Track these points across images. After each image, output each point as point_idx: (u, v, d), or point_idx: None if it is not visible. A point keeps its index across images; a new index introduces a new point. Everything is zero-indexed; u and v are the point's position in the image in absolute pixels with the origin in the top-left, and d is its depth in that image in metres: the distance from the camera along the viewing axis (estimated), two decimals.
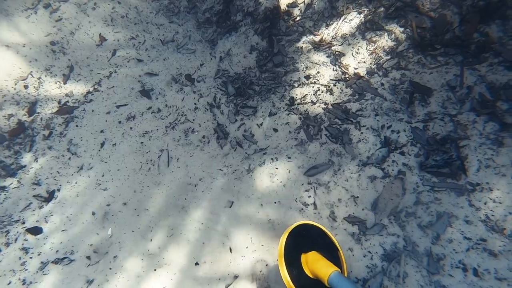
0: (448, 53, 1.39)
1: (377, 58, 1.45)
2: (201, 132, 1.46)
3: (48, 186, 1.47)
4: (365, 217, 1.22)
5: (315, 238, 1.15)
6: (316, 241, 1.14)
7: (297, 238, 1.13)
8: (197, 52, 1.64)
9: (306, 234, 1.15)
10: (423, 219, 1.18)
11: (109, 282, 1.26)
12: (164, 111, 1.53)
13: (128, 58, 1.69)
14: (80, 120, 1.59)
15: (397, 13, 1.50)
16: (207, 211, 1.32)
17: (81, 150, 1.52)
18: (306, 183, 1.30)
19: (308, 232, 1.16)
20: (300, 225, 1.16)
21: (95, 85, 1.66)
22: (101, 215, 1.38)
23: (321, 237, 1.15)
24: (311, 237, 1.15)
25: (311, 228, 1.17)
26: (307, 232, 1.15)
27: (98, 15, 1.82)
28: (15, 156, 1.55)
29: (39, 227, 1.40)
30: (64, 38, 1.79)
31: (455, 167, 1.22)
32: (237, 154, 1.40)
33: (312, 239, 1.14)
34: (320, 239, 1.15)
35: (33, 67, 1.73)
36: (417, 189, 1.23)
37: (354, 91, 1.41)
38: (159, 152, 1.45)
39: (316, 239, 1.15)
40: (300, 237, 1.14)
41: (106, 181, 1.44)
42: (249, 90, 1.49)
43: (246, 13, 1.65)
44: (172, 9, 1.77)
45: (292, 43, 1.56)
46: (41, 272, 1.31)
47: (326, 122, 1.38)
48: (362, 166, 1.29)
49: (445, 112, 1.31)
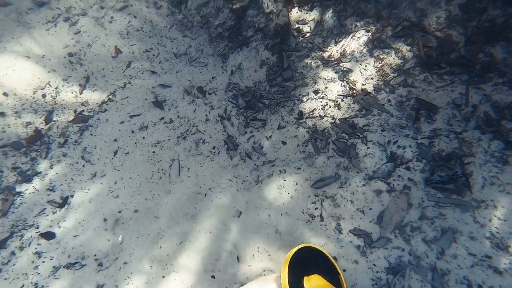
0: (453, 72, 1.47)
1: (384, 75, 1.54)
2: (212, 143, 1.55)
3: (62, 192, 1.56)
4: (370, 230, 1.28)
5: (317, 262, 1.18)
6: (318, 264, 1.18)
7: (300, 261, 1.17)
8: (209, 66, 1.75)
9: (308, 257, 1.19)
10: (428, 234, 1.24)
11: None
12: (176, 121, 1.63)
13: (142, 70, 1.81)
14: (95, 129, 1.69)
15: (404, 32, 1.59)
16: (216, 220, 1.39)
17: (94, 158, 1.62)
18: (313, 195, 1.37)
19: (310, 255, 1.19)
20: (303, 248, 1.20)
21: (110, 95, 1.77)
22: (112, 222, 1.46)
23: (322, 261, 1.19)
24: (313, 260, 1.18)
25: (313, 251, 1.21)
26: (309, 255, 1.19)
27: (114, 28, 1.95)
28: (31, 163, 1.65)
29: (52, 232, 1.48)
30: (82, 50, 1.92)
31: (460, 184, 1.28)
32: (246, 165, 1.48)
33: (314, 263, 1.18)
34: (321, 262, 1.19)
35: (51, 77, 1.85)
36: (422, 204, 1.28)
37: (361, 106, 1.49)
38: (170, 162, 1.54)
39: (318, 262, 1.18)
40: (302, 260, 1.17)
41: (118, 189, 1.52)
42: (259, 104, 1.58)
43: (257, 29, 1.77)
44: (186, 23, 1.89)
45: (301, 59, 1.66)
46: (53, 276, 1.38)
47: (333, 136, 1.46)
48: (368, 180, 1.36)
49: (450, 129, 1.38)
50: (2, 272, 1.38)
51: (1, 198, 1.55)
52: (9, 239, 1.45)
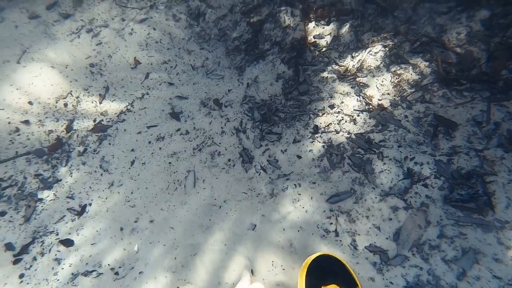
0: (474, 89, 1.47)
1: (401, 90, 1.54)
2: (227, 155, 1.59)
3: (80, 200, 1.62)
4: (387, 247, 1.28)
5: (335, 271, 1.18)
6: (336, 274, 1.17)
7: (318, 269, 1.17)
8: (225, 78, 1.80)
9: (326, 265, 1.18)
10: (447, 253, 1.22)
11: None
12: (192, 133, 1.67)
13: (160, 81, 1.87)
14: (113, 139, 1.75)
15: (422, 47, 1.60)
16: (231, 232, 1.41)
17: (112, 167, 1.67)
18: (328, 210, 1.38)
19: (328, 263, 1.19)
20: (322, 256, 1.20)
21: (128, 105, 1.83)
22: (128, 231, 1.50)
23: (341, 271, 1.18)
24: (332, 270, 1.18)
25: (331, 260, 1.20)
26: (327, 264, 1.19)
27: (134, 40, 2.03)
28: (52, 170, 1.72)
29: (71, 239, 1.53)
30: (102, 60, 2.00)
31: (481, 203, 1.27)
32: (261, 178, 1.50)
33: (332, 272, 1.17)
34: (340, 272, 1.18)
35: (73, 87, 1.93)
36: (441, 222, 1.27)
37: (377, 122, 1.50)
38: (186, 173, 1.58)
39: (336, 272, 1.18)
40: (321, 268, 1.17)
41: (134, 198, 1.57)
42: (275, 117, 1.61)
43: (274, 43, 1.81)
44: (203, 36, 1.95)
45: (317, 73, 1.68)
46: (71, 283, 1.43)
47: (349, 151, 1.47)
48: (384, 196, 1.36)
49: (470, 146, 1.37)
50: (24, 276, 1.44)
51: (25, 204, 1.62)
52: (31, 244, 1.51)
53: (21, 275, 1.46)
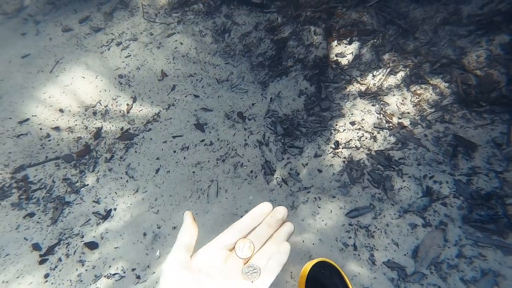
0: (494, 111, 1.55)
1: (421, 110, 1.63)
2: (250, 167, 1.69)
3: (106, 205, 1.74)
4: (404, 263, 1.34)
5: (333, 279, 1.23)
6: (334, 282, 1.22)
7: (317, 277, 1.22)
8: (249, 92, 1.93)
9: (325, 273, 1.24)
10: (466, 274, 1.28)
11: None
12: (216, 144, 1.80)
13: (185, 93, 2.01)
14: (139, 147, 1.89)
15: (442, 69, 1.69)
16: None
17: (137, 174, 1.80)
18: (347, 224, 1.46)
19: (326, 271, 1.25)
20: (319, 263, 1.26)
21: (155, 115, 1.98)
22: (151, 237, 1.61)
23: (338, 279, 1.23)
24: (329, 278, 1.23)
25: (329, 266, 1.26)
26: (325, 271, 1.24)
27: (161, 53, 2.20)
28: (80, 175, 1.86)
29: (95, 242, 1.65)
30: (131, 72, 2.17)
31: (501, 225, 1.33)
32: (282, 190, 1.60)
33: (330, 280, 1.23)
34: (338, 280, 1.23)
35: (102, 97, 2.10)
36: (459, 242, 1.33)
37: (397, 139, 1.59)
38: (209, 182, 1.69)
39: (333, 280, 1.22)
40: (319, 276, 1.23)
41: (158, 205, 1.68)
42: (297, 131, 1.72)
43: (297, 60, 1.94)
44: (228, 51, 2.11)
45: (339, 90, 1.80)
46: (94, 285, 1.53)
47: (369, 167, 1.56)
48: (403, 213, 1.43)
49: (490, 168, 1.44)
50: (49, 276, 1.55)
51: (52, 206, 1.76)
52: (57, 245, 1.64)
53: (46, 275, 1.58)
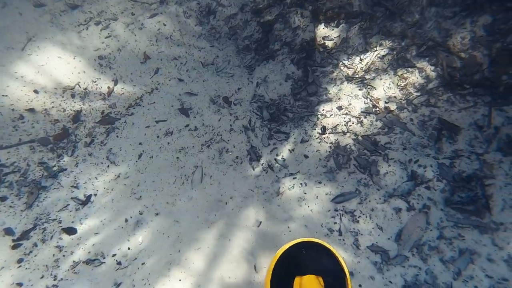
0: (477, 93, 1.57)
1: (407, 94, 1.64)
2: (235, 152, 1.67)
3: (85, 190, 1.68)
4: (388, 247, 1.36)
5: (317, 260, 1.09)
6: (318, 263, 1.08)
7: (294, 258, 1.09)
8: (235, 76, 1.88)
9: (306, 254, 1.09)
10: (445, 254, 1.31)
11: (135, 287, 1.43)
12: (201, 129, 1.76)
13: (169, 77, 1.95)
14: (121, 131, 1.82)
15: (429, 52, 1.70)
16: (236, 228, 1.49)
17: (119, 159, 1.74)
18: (332, 210, 1.46)
19: (309, 251, 1.10)
20: (301, 243, 1.11)
21: (137, 99, 1.91)
22: (133, 223, 1.57)
23: (326, 259, 1.09)
24: (312, 258, 1.09)
25: (315, 246, 1.10)
26: (308, 252, 1.10)
27: (144, 35, 2.11)
28: (57, 159, 1.78)
29: (74, 228, 1.59)
30: (111, 53, 2.08)
31: (480, 205, 1.36)
32: (268, 176, 1.59)
33: (313, 261, 1.09)
34: (324, 261, 1.09)
35: (81, 78, 2.01)
36: (441, 224, 1.36)
37: (383, 124, 1.59)
38: (193, 168, 1.66)
39: (318, 260, 1.09)
40: (298, 257, 1.09)
41: (141, 191, 1.64)
42: (283, 116, 1.70)
43: (283, 43, 1.90)
44: (214, 34, 2.04)
45: (326, 74, 1.78)
46: (72, 271, 1.49)
47: (355, 152, 1.56)
48: (388, 197, 1.45)
49: (472, 150, 1.47)
50: (23, 261, 1.50)
51: (27, 191, 1.69)
52: (32, 231, 1.57)
53: (19, 259, 1.52)
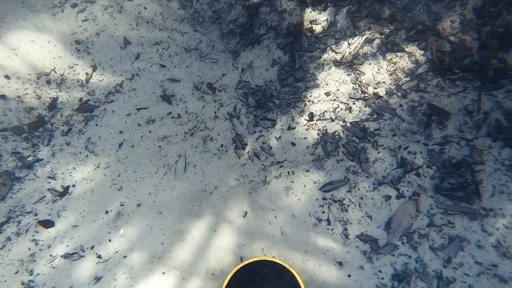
0: (466, 78, 1.51)
1: (396, 79, 1.56)
2: (220, 140, 1.57)
3: (63, 181, 1.57)
4: (377, 236, 1.31)
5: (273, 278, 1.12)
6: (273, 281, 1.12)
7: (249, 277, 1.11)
8: (219, 62, 1.77)
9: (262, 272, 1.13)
10: (435, 242, 1.26)
11: (116, 281, 1.34)
12: (184, 117, 1.65)
13: (151, 63, 1.82)
14: (100, 120, 1.70)
15: (418, 36, 1.62)
16: (221, 219, 1.41)
17: (98, 149, 1.63)
18: (321, 199, 1.39)
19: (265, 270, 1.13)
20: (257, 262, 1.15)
21: (117, 86, 1.78)
22: (114, 214, 1.47)
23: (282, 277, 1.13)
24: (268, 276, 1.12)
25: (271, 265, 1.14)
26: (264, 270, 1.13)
27: (124, 19, 1.97)
28: (32, 149, 1.65)
29: (51, 220, 1.48)
30: (89, 38, 1.93)
31: (469, 191, 1.31)
32: (254, 165, 1.50)
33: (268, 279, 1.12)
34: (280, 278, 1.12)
35: (57, 64, 1.86)
36: (431, 211, 1.31)
37: (372, 110, 1.52)
38: (176, 157, 1.56)
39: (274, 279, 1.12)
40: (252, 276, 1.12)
41: (121, 181, 1.54)
42: (269, 103, 1.61)
43: (269, 27, 1.79)
44: (197, 18, 1.92)
45: (313, 59, 1.68)
46: (50, 265, 1.39)
47: (343, 139, 1.49)
48: (378, 185, 1.38)
49: (461, 136, 1.41)
50: None
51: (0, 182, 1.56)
52: (5, 224, 1.46)
53: None
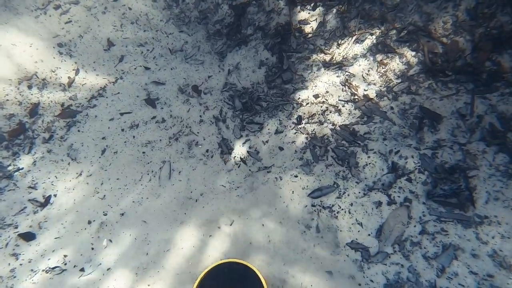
0: (459, 81, 1.38)
1: (387, 81, 1.43)
2: (205, 145, 1.44)
3: (44, 191, 1.43)
4: (368, 244, 1.19)
5: (239, 278, 1.13)
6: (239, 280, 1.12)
7: (218, 277, 1.12)
8: (205, 64, 1.62)
9: (229, 273, 1.13)
10: (428, 250, 1.15)
11: None
12: (169, 121, 1.51)
13: (135, 65, 1.67)
14: (82, 125, 1.55)
15: (409, 36, 1.49)
16: (207, 228, 1.28)
17: (81, 156, 1.49)
18: (309, 205, 1.27)
19: (232, 271, 1.14)
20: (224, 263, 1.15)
21: (100, 90, 1.63)
22: (97, 225, 1.34)
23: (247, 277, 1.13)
24: (234, 276, 1.13)
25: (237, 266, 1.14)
26: (231, 271, 1.14)
27: (107, 20, 1.81)
28: (13, 158, 1.51)
29: (32, 233, 1.35)
30: (72, 40, 1.77)
31: (463, 198, 1.19)
32: (240, 170, 1.37)
33: (235, 279, 1.13)
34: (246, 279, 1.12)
35: (39, 68, 1.70)
36: (423, 219, 1.19)
37: (362, 113, 1.39)
38: (161, 164, 1.42)
39: (240, 278, 1.12)
40: (221, 276, 1.13)
41: (104, 190, 1.40)
42: (256, 106, 1.47)
43: (257, 27, 1.64)
44: (183, 18, 1.76)
45: (302, 61, 1.54)
46: (31, 281, 1.26)
47: (333, 143, 1.36)
48: (368, 191, 1.26)
49: (454, 140, 1.29)
50: None
51: None
52: None
53: None
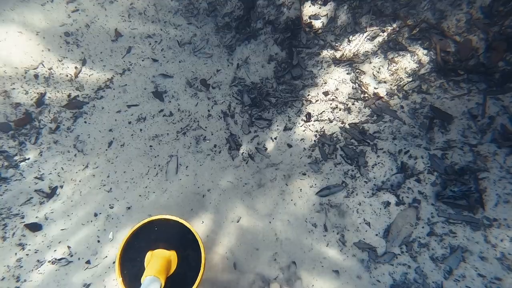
0: (471, 80, 1.32)
1: (398, 79, 1.37)
2: (213, 140, 1.38)
3: (51, 182, 1.38)
4: (376, 244, 1.15)
5: (172, 235, 1.02)
6: (171, 238, 1.01)
7: (149, 234, 1.01)
8: (214, 57, 1.55)
9: (162, 230, 1.02)
10: (436, 252, 1.11)
11: None
12: (176, 115, 1.44)
13: (143, 57, 1.60)
14: (89, 117, 1.49)
15: (421, 34, 1.42)
16: (214, 223, 1.24)
17: (87, 148, 1.43)
18: (317, 204, 1.22)
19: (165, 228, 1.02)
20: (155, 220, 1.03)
21: (107, 81, 1.56)
22: (103, 217, 1.30)
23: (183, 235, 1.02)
24: (167, 234, 1.02)
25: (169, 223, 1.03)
26: (162, 229, 1.02)
27: (115, 10, 1.72)
28: (19, 147, 1.45)
29: (38, 224, 1.31)
30: (79, 30, 1.69)
31: (472, 200, 1.15)
32: (248, 167, 1.32)
33: (168, 236, 1.02)
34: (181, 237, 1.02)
35: (45, 57, 1.63)
36: (431, 220, 1.15)
37: (372, 111, 1.33)
38: (168, 158, 1.36)
39: (172, 236, 1.02)
40: (152, 233, 1.02)
41: (111, 183, 1.35)
42: (265, 102, 1.40)
43: (267, 21, 1.56)
44: (192, 10, 1.67)
45: (312, 56, 1.47)
46: (37, 271, 1.23)
47: (342, 141, 1.30)
48: (377, 190, 1.21)
49: (465, 141, 1.23)
50: None
51: None
52: None
53: None
